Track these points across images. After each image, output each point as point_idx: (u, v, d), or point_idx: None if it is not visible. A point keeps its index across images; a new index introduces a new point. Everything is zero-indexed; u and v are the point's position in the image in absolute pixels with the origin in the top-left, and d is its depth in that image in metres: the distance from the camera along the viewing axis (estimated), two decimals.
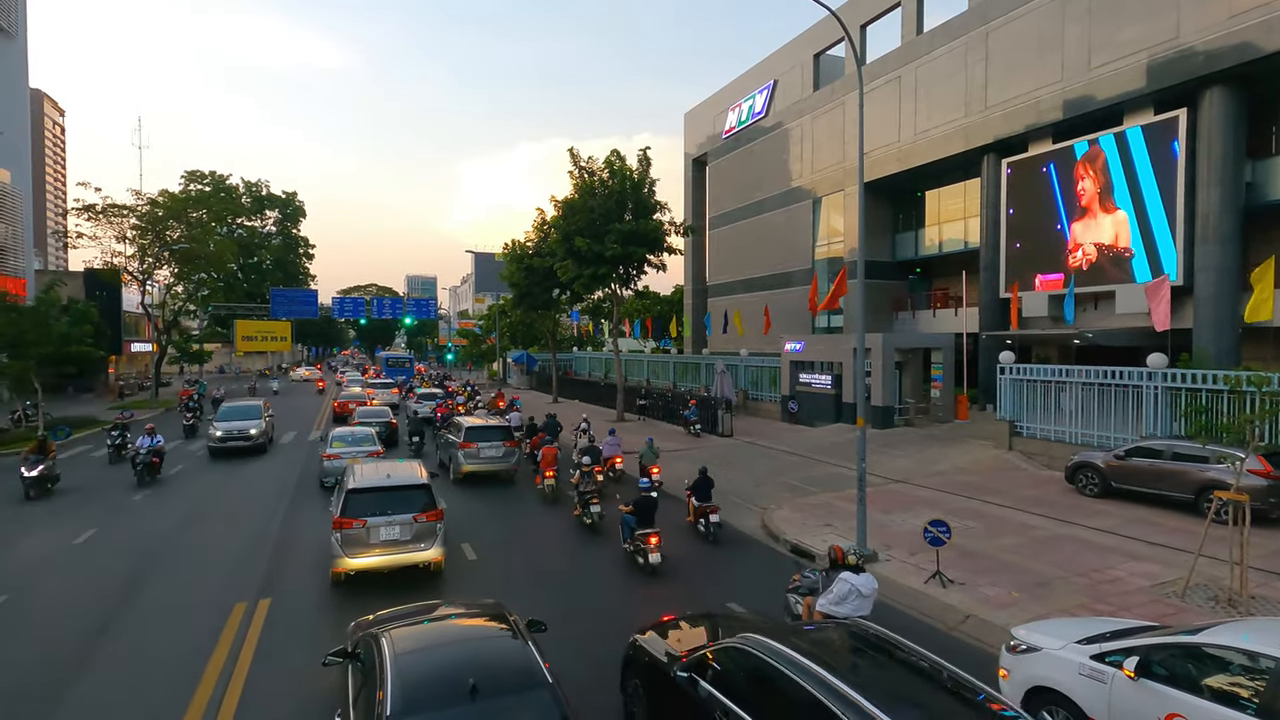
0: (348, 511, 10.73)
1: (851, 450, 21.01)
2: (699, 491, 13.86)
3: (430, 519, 11.04)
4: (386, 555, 10.66)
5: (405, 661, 5.21)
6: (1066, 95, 24.03)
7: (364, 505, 10.83)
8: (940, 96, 28.95)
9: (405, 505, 11.01)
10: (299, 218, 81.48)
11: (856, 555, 8.78)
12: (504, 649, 5.61)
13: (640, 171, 28.24)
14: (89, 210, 40.22)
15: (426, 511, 11.05)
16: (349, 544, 10.58)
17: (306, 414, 37.11)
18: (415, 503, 11.09)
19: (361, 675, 5.57)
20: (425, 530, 10.96)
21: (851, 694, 4.59)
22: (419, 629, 6.04)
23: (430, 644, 5.76)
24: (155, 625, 9.46)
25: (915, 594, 10.00)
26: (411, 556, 10.79)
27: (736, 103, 43.26)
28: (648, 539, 11.52)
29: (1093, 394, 17.36)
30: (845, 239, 34.43)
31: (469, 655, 5.49)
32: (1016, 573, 10.65)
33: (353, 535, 10.61)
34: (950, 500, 15.23)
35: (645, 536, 11.57)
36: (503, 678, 5.10)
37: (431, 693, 4.92)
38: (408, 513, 10.94)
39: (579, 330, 63.31)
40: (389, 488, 11.21)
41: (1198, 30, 20.23)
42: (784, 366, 28.84)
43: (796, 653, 5.24)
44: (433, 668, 5.27)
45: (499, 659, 5.43)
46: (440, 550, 11.05)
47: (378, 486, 11.20)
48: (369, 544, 10.65)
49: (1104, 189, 23.22)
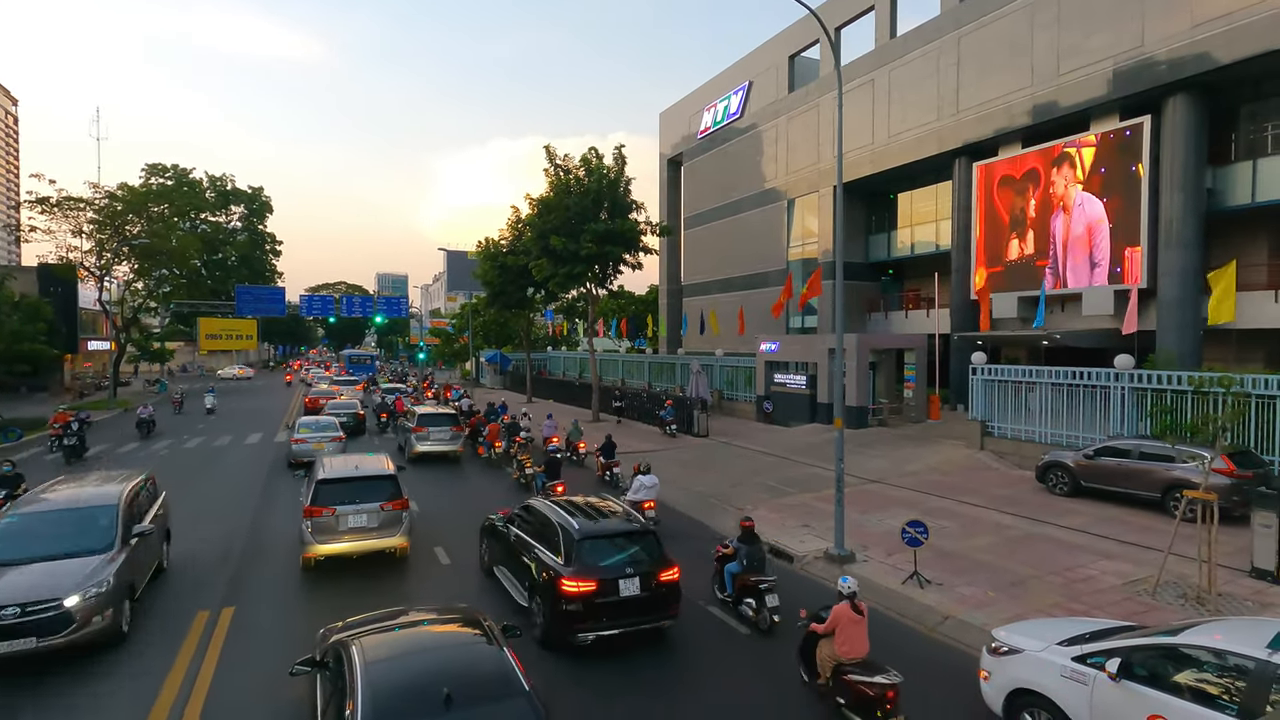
0: (317, 501, 11.10)
1: (827, 451, 21.16)
2: (606, 452, 18.59)
3: (396, 507, 11.46)
4: (354, 541, 11.08)
5: (376, 670, 5.01)
6: (1036, 100, 24.46)
7: (333, 494, 11.25)
8: (913, 100, 29.29)
9: (372, 494, 11.46)
10: (265, 213, 79.53)
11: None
12: (478, 656, 5.43)
13: (616, 170, 28.09)
14: (43, 203, 38.69)
15: (393, 500, 11.47)
16: (319, 531, 10.95)
17: (273, 415, 36.20)
18: (382, 492, 11.54)
19: (331, 685, 5.38)
20: (391, 518, 11.39)
21: (562, 514, 9.28)
22: (390, 636, 5.80)
23: (402, 651, 5.53)
24: None
25: (894, 595, 10.01)
26: (378, 543, 11.22)
27: (712, 103, 43.33)
28: (554, 488, 15.27)
29: (1062, 394, 17.66)
30: (820, 240, 34.66)
31: (442, 663, 5.30)
32: (992, 572, 10.73)
33: (322, 523, 10.99)
34: (925, 500, 15.34)
35: (552, 486, 15.48)
36: (478, 686, 4.94)
37: (404, 703, 4.74)
38: (375, 501, 11.36)
39: (553, 330, 62.87)
40: (357, 478, 11.67)
41: (1162, 39, 20.72)
42: (759, 367, 28.92)
43: (543, 503, 10.11)
44: (405, 676, 5.06)
45: (473, 666, 5.26)
46: (405, 538, 11.47)
47: (346, 477, 11.66)
48: (338, 531, 11.04)
49: (1070, 193, 23.68)
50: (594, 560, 8.59)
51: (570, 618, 8.26)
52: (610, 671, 8.10)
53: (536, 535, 9.49)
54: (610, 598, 8.33)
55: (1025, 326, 25.57)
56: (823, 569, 11.29)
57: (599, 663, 8.27)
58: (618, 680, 7.91)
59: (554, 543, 8.96)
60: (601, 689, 7.71)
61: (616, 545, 8.90)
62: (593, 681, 7.87)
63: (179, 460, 22.79)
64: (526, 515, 10.11)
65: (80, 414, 31.52)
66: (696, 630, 9.20)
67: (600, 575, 8.40)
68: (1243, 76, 20.34)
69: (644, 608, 8.50)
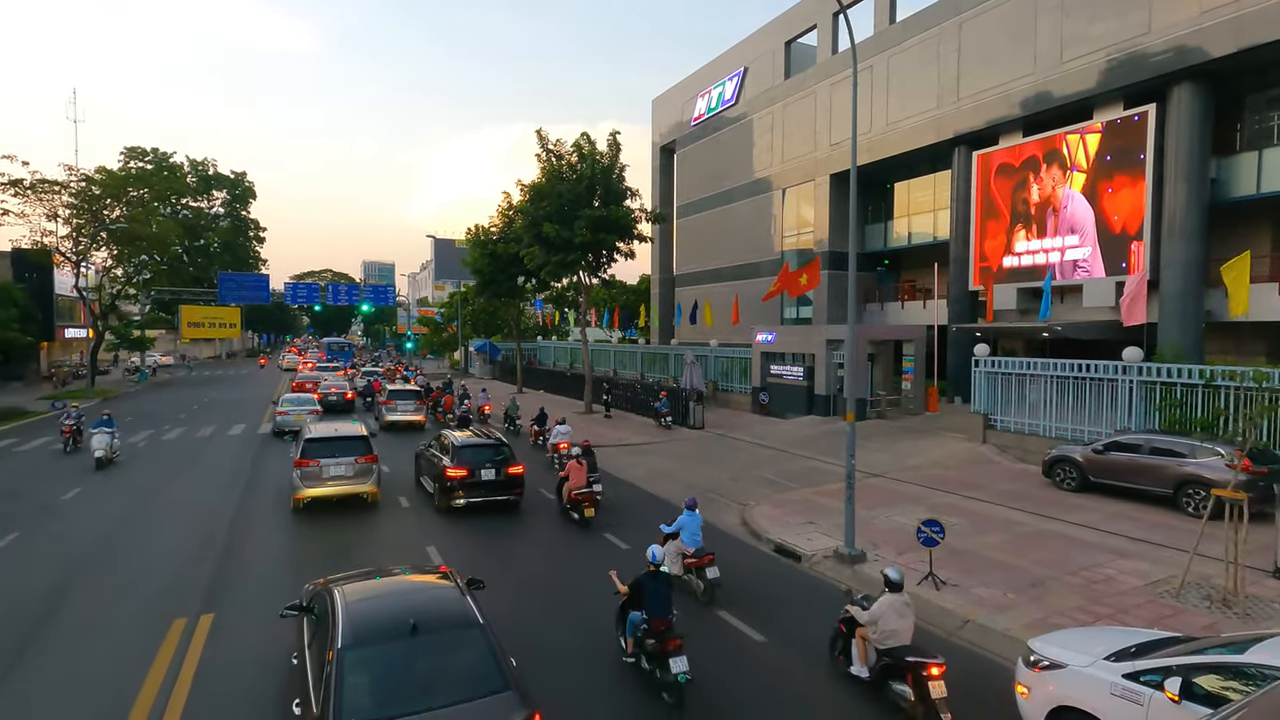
0: (306, 454, 14.16)
1: (825, 444, 20.88)
2: (539, 421, 22.40)
3: (368, 461, 14.59)
4: (335, 486, 14.18)
5: (355, 608, 5.83)
6: (1038, 88, 24.05)
7: (318, 450, 14.29)
8: (912, 87, 28.81)
9: (349, 450, 14.50)
10: (249, 199, 77.87)
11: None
12: (443, 598, 6.22)
13: (610, 156, 27.41)
14: (15, 185, 37.42)
15: (365, 456, 14.60)
16: (306, 478, 14.01)
17: (258, 405, 35.37)
18: (357, 449, 14.61)
19: (315, 624, 6.11)
20: (364, 469, 14.49)
21: (453, 436, 14.96)
22: (368, 584, 6.58)
23: (377, 594, 6.37)
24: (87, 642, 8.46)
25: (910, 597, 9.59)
26: (353, 488, 14.32)
27: (706, 89, 42.62)
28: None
29: (1067, 387, 17.34)
30: (815, 229, 34.23)
31: (411, 603, 6.07)
32: (1007, 572, 10.37)
33: (309, 471, 14.04)
34: (931, 495, 15.00)
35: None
36: (440, 619, 5.74)
37: (377, 629, 5.57)
38: (350, 456, 14.42)
39: (544, 319, 62.12)
40: (337, 438, 14.77)
41: (1169, 26, 20.34)
42: (755, 358, 28.48)
43: (447, 432, 15.48)
44: (379, 612, 5.91)
45: (437, 605, 6.05)
46: (376, 486, 14.65)
47: (328, 437, 14.81)
48: (321, 478, 14.06)
49: (1072, 182, 23.35)
50: (466, 459, 14.16)
51: (450, 491, 13.98)
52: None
53: (440, 450, 15.01)
54: (475, 479, 14.03)
55: (1024, 318, 25.29)
56: (832, 569, 10.88)
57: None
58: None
59: (447, 451, 14.57)
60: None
61: (482, 451, 14.48)
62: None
63: None
64: (436, 441, 15.74)
65: (62, 406, 30.61)
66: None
67: (469, 466, 14.07)
68: (1249, 65, 20.01)
69: (496, 488, 14.26)
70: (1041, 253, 24.45)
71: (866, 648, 7.15)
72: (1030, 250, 24.85)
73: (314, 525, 13.45)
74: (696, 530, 10.20)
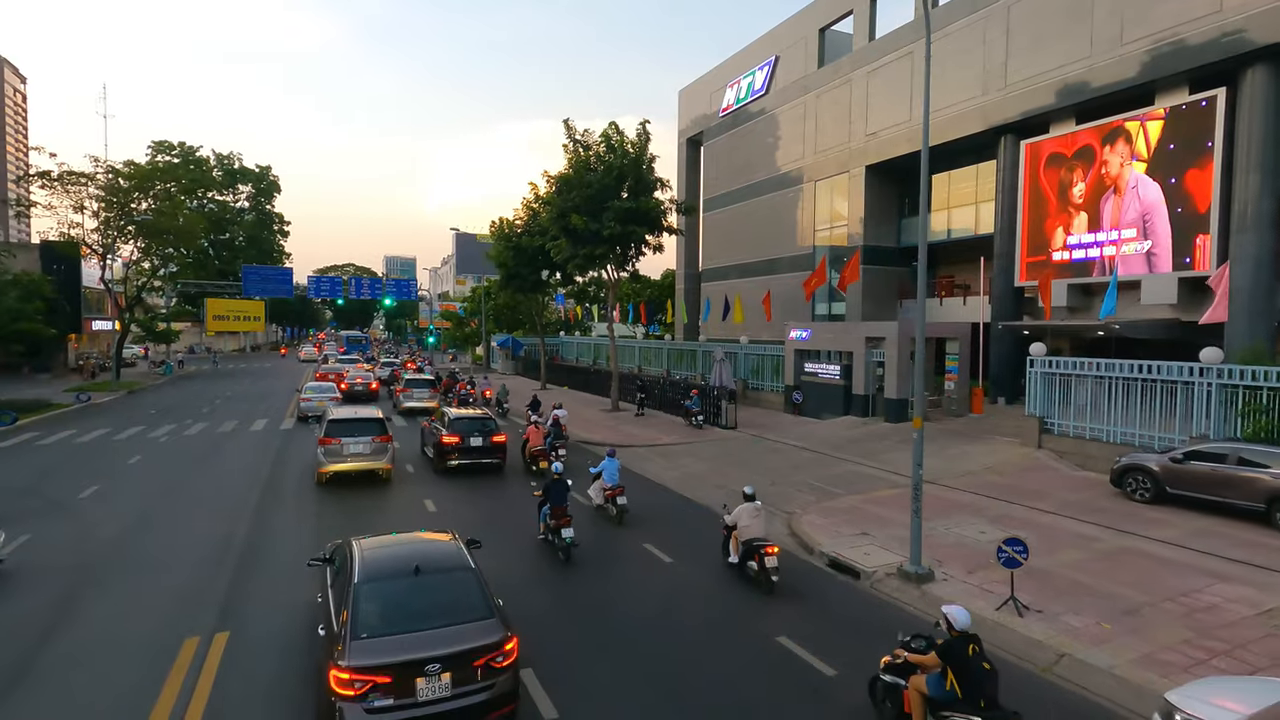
0: (329, 434, 16.11)
1: (866, 446, 19.89)
2: (533, 407, 24.47)
3: (384, 441, 16.42)
4: (354, 463, 15.97)
5: (369, 555, 7.13)
6: (1094, 73, 22.71)
7: (340, 429, 16.22)
8: (956, 73, 27.51)
9: (367, 430, 16.35)
10: (273, 193, 78.25)
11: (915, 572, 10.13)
12: (444, 550, 7.44)
13: (639, 145, 26.51)
14: (43, 177, 37.40)
15: (381, 435, 16.41)
16: (329, 455, 15.89)
17: (281, 398, 35.06)
18: (374, 429, 16.45)
19: (336, 570, 7.36)
20: (380, 448, 16.28)
21: (451, 411, 18.86)
22: (382, 539, 7.85)
23: (389, 545, 7.58)
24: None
25: (989, 625, 8.62)
26: (370, 464, 16.14)
27: (735, 79, 41.50)
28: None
29: (1134, 390, 16.15)
30: (849, 223, 33.05)
31: (416, 552, 7.26)
32: (1094, 596, 9.36)
33: (332, 449, 15.91)
34: (989, 505, 13.97)
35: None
36: (439, 564, 6.99)
37: (387, 570, 6.82)
38: (369, 435, 16.22)
39: (566, 314, 61.41)
40: (357, 419, 16.72)
41: (1242, 4, 18.94)
42: (788, 355, 27.45)
43: (447, 409, 19.66)
44: (389, 557, 7.14)
45: (438, 554, 7.28)
46: (389, 463, 16.53)
47: (349, 419, 16.80)
48: (342, 455, 15.91)
49: (1130, 172, 22.02)
50: (459, 429, 17.39)
51: (445, 454, 17.12)
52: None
53: (440, 423, 18.20)
54: (465, 445, 17.19)
55: (1074, 316, 24.01)
56: (897, 589, 9.94)
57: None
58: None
59: (444, 423, 17.81)
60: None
61: (473, 422, 17.80)
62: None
63: None
64: (439, 416, 18.92)
65: (86, 398, 30.46)
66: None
67: (460, 434, 17.24)
68: None
69: (483, 453, 17.36)
70: (1095, 247, 23.14)
71: (737, 543, 10.47)
72: (1083, 244, 23.54)
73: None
74: (614, 471, 13.70)
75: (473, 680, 5.98)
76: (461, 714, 5.91)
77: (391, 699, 5.72)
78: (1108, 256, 22.69)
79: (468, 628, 6.23)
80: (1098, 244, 23.05)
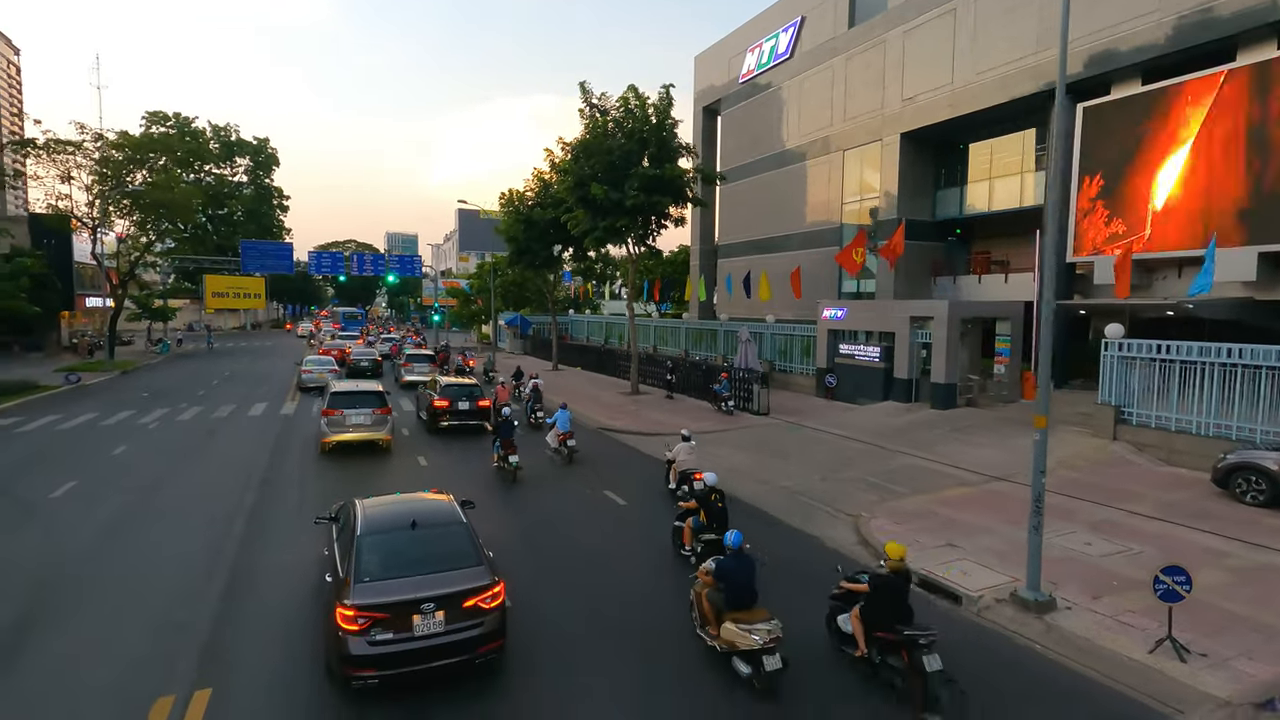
0: (331, 405, 16.92)
1: (919, 436, 18.22)
2: (516, 376, 27.13)
3: (383, 413, 17.27)
4: (355, 433, 16.78)
5: (370, 511, 7.88)
6: (1165, 26, 20.67)
7: (342, 401, 17.03)
8: (1004, 31, 25.39)
9: (368, 403, 17.18)
10: (272, 166, 75.91)
11: None
12: (439, 507, 8.14)
13: (661, 109, 24.52)
14: (28, 145, 35.46)
15: (381, 408, 17.25)
16: (332, 425, 16.72)
17: (282, 380, 33.47)
18: (375, 401, 17.29)
19: (340, 526, 8.07)
20: (380, 420, 17.15)
21: (442, 379, 22.08)
22: (383, 498, 8.53)
23: (389, 503, 8.27)
24: None
25: (1137, 670, 7.04)
26: (371, 435, 16.95)
27: (756, 43, 39.17)
28: None
29: (1232, 377, 14.43)
30: (881, 196, 31.08)
31: (414, 509, 7.87)
32: (1260, 633, 7.74)
33: (334, 420, 16.72)
34: (1080, 508, 12.33)
35: None
36: (434, 519, 7.73)
37: (387, 523, 7.59)
38: (369, 408, 17.07)
39: (575, 292, 59.54)
40: (358, 392, 17.63)
41: None
42: (821, 336, 25.71)
43: (441, 377, 23.53)
44: (389, 514, 7.85)
45: (434, 511, 7.99)
46: (389, 434, 17.42)
47: (350, 391, 17.64)
48: (344, 426, 16.71)
49: (1207, 136, 20.06)
50: (450, 395, 19.87)
51: (437, 416, 19.70)
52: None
53: (433, 389, 20.52)
54: (454, 408, 19.69)
55: (1135, 294, 22.17)
56: (1013, 619, 8.31)
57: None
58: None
59: (436, 390, 20.30)
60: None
61: (460, 389, 20.30)
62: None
63: None
64: (432, 384, 21.12)
65: (76, 379, 28.83)
66: None
67: (450, 399, 19.76)
68: None
69: (469, 415, 19.80)
70: (1178, 219, 21.22)
71: (675, 473, 13.09)
72: (1152, 215, 21.63)
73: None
74: (566, 421, 16.52)
75: (464, 618, 6.63)
76: (454, 648, 6.54)
77: (390, 633, 6.36)
78: (1178, 229, 20.79)
79: (459, 573, 6.88)
80: (1176, 218, 21.13)
